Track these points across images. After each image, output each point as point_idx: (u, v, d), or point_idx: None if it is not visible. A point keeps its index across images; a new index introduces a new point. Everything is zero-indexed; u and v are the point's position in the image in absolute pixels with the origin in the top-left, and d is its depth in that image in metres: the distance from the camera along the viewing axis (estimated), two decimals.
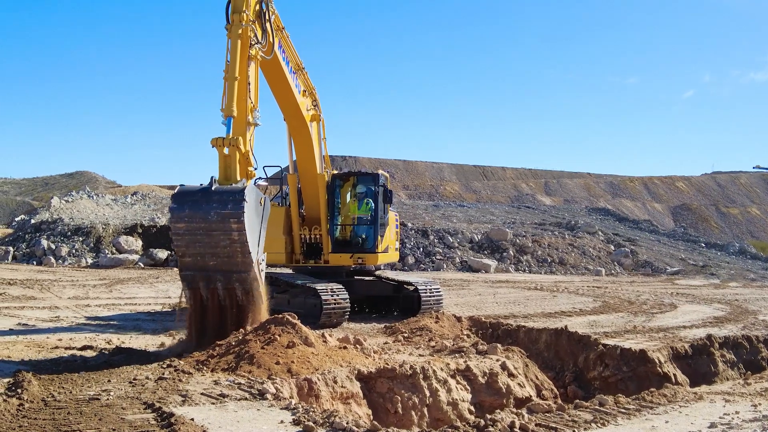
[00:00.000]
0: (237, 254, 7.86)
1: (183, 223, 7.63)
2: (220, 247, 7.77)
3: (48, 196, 53.02)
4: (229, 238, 7.74)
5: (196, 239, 7.71)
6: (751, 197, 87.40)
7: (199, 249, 7.77)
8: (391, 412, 7.88)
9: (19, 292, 17.54)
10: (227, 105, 8.36)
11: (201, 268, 7.87)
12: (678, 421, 6.37)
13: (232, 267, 7.94)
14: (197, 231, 7.67)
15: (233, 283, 8.00)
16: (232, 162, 8.17)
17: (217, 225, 7.70)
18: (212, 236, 7.68)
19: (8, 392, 6.43)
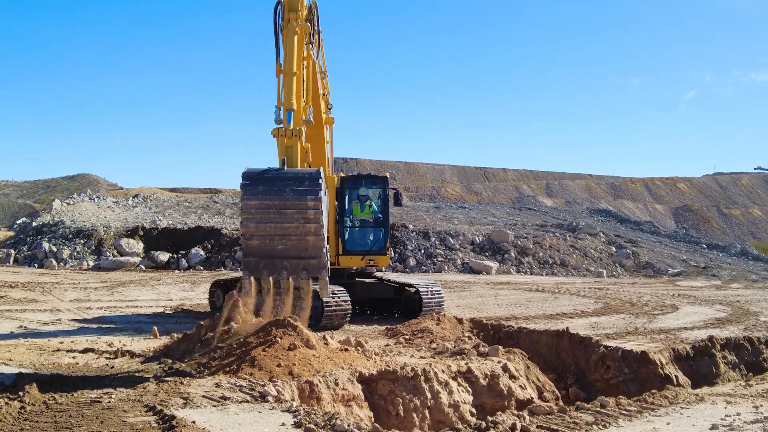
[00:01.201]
0: (310, 236, 7.51)
1: (256, 200, 7.29)
2: (292, 228, 7.42)
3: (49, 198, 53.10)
4: (304, 217, 7.42)
5: (268, 218, 7.36)
6: (753, 198, 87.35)
7: (270, 230, 7.39)
8: (392, 414, 7.89)
9: (20, 295, 17.56)
10: (287, 98, 8.42)
11: (267, 254, 7.47)
12: (679, 422, 6.37)
13: (301, 252, 7.55)
14: (270, 209, 7.33)
15: (299, 272, 7.59)
16: (294, 152, 8.11)
17: (293, 203, 7.40)
18: (286, 215, 7.37)
19: (10, 395, 6.44)
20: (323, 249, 7.72)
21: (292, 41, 8.71)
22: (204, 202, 44.05)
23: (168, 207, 41.61)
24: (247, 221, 7.35)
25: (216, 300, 15.03)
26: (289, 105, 8.33)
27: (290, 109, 8.40)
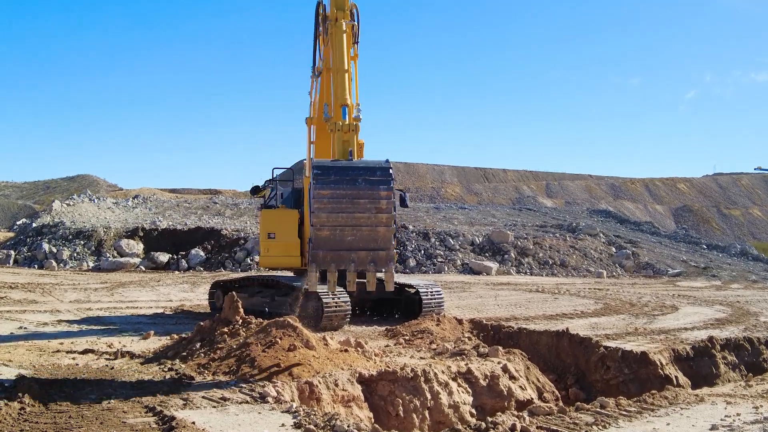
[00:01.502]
0: (381, 226, 7.43)
1: (328, 190, 7.22)
2: (364, 218, 7.36)
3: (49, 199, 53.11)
4: (376, 207, 7.37)
5: (340, 207, 7.28)
6: (753, 198, 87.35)
7: (341, 220, 7.29)
8: (392, 414, 7.88)
9: (20, 296, 17.56)
10: (341, 94, 8.43)
11: (336, 246, 7.35)
12: (679, 423, 6.37)
13: (370, 243, 7.46)
14: (343, 198, 7.28)
15: (367, 264, 7.47)
16: (351, 147, 8.13)
17: (366, 193, 7.37)
18: (358, 205, 7.32)
19: (10, 396, 6.44)
20: (392, 240, 7.67)
21: (341, 39, 8.82)
22: (204, 203, 44.06)
23: (168, 208, 41.61)
24: (318, 211, 7.24)
25: (216, 301, 15.03)
26: (344, 101, 8.41)
27: (344, 105, 8.43)
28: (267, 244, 13.38)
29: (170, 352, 9.39)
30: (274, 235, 13.34)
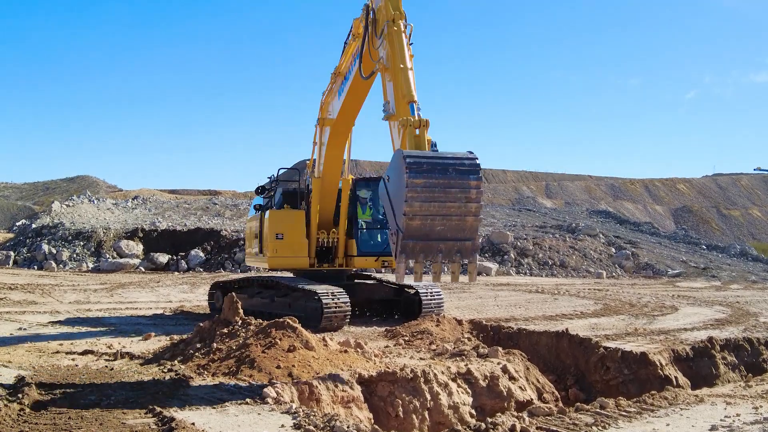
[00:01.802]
0: (469, 216, 7.46)
1: (422, 179, 7.18)
2: (454, 208, 7.36)
3: (49, 200, 53.11)
4: (466, 196, 7.38)
5: (433, 196, 7.26)
6: (752, 199, 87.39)
7: (433, 209, 7.29)
8: (392, 415, 7.88)
9: (20, 297, 17.56)
10: (408, 91, 8.50)
11: (425, 236, 7.36)
12: (679, 423, 6.37)
13: (458, 233, 7.47)
14: (436, 187, 7.26)
15: (453, 255, 7.52)
16: (423, 142, 8.13)
17: (457, 182, 7.37)
18: (450, 194, 7.31)
19: (9, 397, 6.44)
20: (478, 231, 7.73)
21: (401, 38, 8.94)
22: (203, 204, 44.05)
23: (167, 209, 41.61)
24: (412, 200, 7.19)
25: (215, 301, 15.04)
26: (411, 97, 8.48)
27: (412, 102, 8.50)
28: (275, 245, 13.30)
29: (170, 353, 9.39)
30: (282, 236, 13.29)
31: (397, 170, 7.47)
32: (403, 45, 8.89)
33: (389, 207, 7.64)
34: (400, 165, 7.31)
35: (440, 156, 7.58)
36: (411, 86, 8.58)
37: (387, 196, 7.69)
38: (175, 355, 9.13)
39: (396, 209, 7.45)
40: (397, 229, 7.34)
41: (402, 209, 7.21)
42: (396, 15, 9.05)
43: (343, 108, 11.90)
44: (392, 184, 7.57)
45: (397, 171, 7.43)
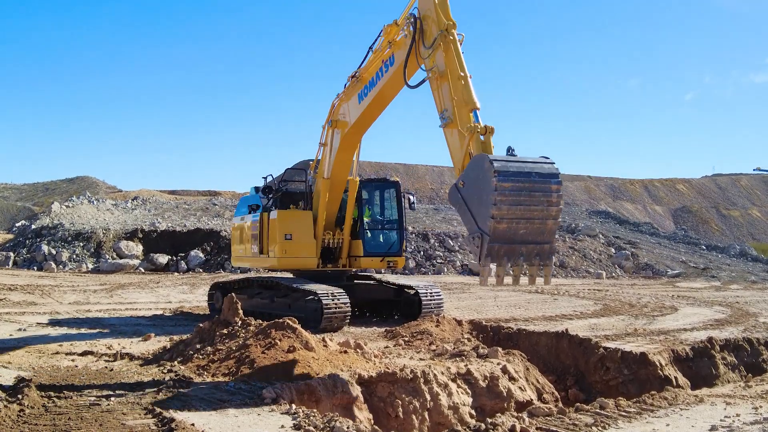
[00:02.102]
0: (550, 219, 7.67)
1: (509, 183, 7.30)
2: (537, 211, 7.53)
3: (49, 201, 53.10)
4: (548, 200, 7.56)
5: (519, 200, 7.39)
6: (752, 199, 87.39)
7: (518, 213, 7.43)
8: (392, 416, 7.88)
9: (19, 298, 17.55)
10: (470, 99, 8.57)
11: (510, 239, 7.50)
12: (679, 423, 6.37)
13: (538, 236, 7.65)
14: (521, 191, 7.39)
15: (533, 257, 7.70)
16: (489, 148, 8.20)
17: (540, 186, 7.52)
18: (533, 197, 7.47)
19: (9, 398, 6.44)
20: (556, 234, 7.89)
21: (458, 47, 9.01)
22: (203, 205, 44.05)
23: (167, 209, 41.60)
24: (500, 203, 7.28)
25: (215, 302, 15.03)
26: (475, 105, 8.55)
27: (475, 109, 8.56)
28: (284, 246, 13.24)
29: (169, 353, 9.39)
30: (291, 236, 13.26)
31: (477, 175, 7.53)
32: (460, 53, 8.94)
33: (466, 212, 7.71)
34: (485, 169, 7.38)
35: (523, 160, 7.68)
36: (473, 94, 8.63)
37: (462, 201, 7.77)
38: (175, 356, 9.14)
39: (478, 213, 7.53)
40: (481, 232, 7.43)
41: (488, 213, 7.29)
42: (449, 24, 9.11)
43: (365, 113, 11.87)
44: (470, 189, 7.65)
45: (478, 176, 7.51)
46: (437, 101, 8.99)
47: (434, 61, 9.15)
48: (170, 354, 9.33)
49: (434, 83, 9.07)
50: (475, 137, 8.20)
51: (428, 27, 9.45)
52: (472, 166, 7.75)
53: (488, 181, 7.28)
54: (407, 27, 9.90)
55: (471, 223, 7.63)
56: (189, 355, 9.00)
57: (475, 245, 7.53)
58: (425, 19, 9.53)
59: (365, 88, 11.56)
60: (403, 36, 10.12)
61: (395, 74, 10.54)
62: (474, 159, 7.82)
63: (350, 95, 12.08)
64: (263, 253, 13.98)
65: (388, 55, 10.71)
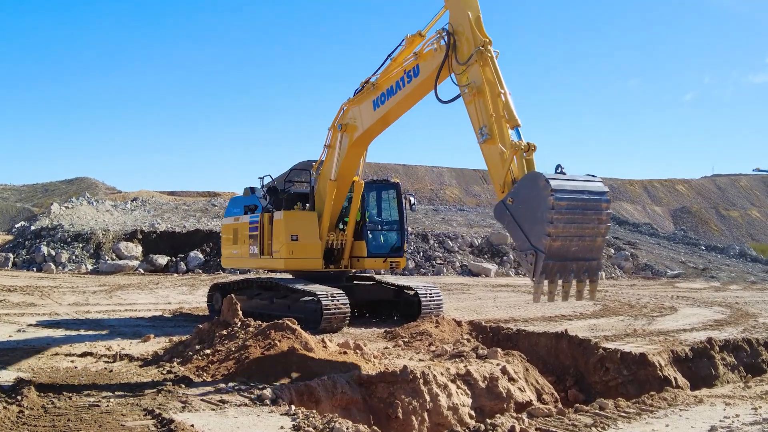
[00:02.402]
0: (599, 237, 7.83)
1: (565, 201, 7.42)
2: (588, 229, 7.68)
3: (48, 202, 53.05)
4: (599, 217, 7.72)
5: (573, 218, 7.53)
6: (752, 200, 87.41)
7: (572, 230, 7.57)
8: (391, 417, 7.88)
9: (19, 299, 17.54)
10: (511, 116, 8.61)
11: (563, 256, 7.63)
12: (678, 424, 6.37)
13: (587, 253, 7.81)
14: (576, 209, 7.53)
15: (582, 274, 7.84)
16: (533, 166, 8.29)
17: (592, 204, 7.67)
18: (586, 215, 7.62)
19: (8, 399, 6.44)
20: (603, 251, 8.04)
21: (496, 63, 8.99)
22: (203, 206, 44.02)
23: (166, 210, 41.59)
24: (557, 222, 7.40)
25: (214, 303, 15.02)
26: (516, 122, 8.60)
27: (517, 126, 8.62)
28: (291, 247, 13.19)
29: (169, 354, 9.39)
30: (297, 237, 13.23)
31: (531, 193, 7.61)
32: (498, 70, 8.91)
33: (516, 228, 7.79)
34: (540, 188, 7.46)
35: (575, 179, 7.81)
36: (514, 111, 8.64)
37: (511, 217, 7.85)
38: (174, 357, 9.14)
39: (531, 230, 7.61)
40: (535, 249, 7.51)
41: (543, 230, 7.39)
42: (485, 41, 9.06)
43: (380, 120, 11.86)
44: (521, 206, 7.72)
45: (532, 193, 7.59)
46: (474, 117, 8.92)
47: (469, 77, 9.07)
48: (169, 355, 9.33)
49: (470, 99, 8.99)
50: (519, 155, 8.22)
51: (461, 43, 9.36)
52: (526, 184, 7.79)
53: (544, 199, 7.39)
54: (437, 41, 9.83)
55: (522, 240, 7.72)
56: (188, 356, 9.00)
57: (529, 262, 7.61)
58: (458, 34, 9.43)
59: (382, 96, 11.46)
60: (432, 49, 10.05)
61: (420, 85, 10.51)
62: (527, 177, 7.86)
63: (363, 101, 11.99)
64: (265, 254, 13.91)
65: (412, 65, 10.62)
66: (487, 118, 8.71)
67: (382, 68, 11.49)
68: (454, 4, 9.58)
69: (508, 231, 8.06)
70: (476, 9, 9.42)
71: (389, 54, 11.28)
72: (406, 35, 10.88)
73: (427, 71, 10.20)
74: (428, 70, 10.17)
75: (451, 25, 9.58)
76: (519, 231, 7.76)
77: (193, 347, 9.32)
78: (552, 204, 7.30)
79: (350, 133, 12.49)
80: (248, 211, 14.62)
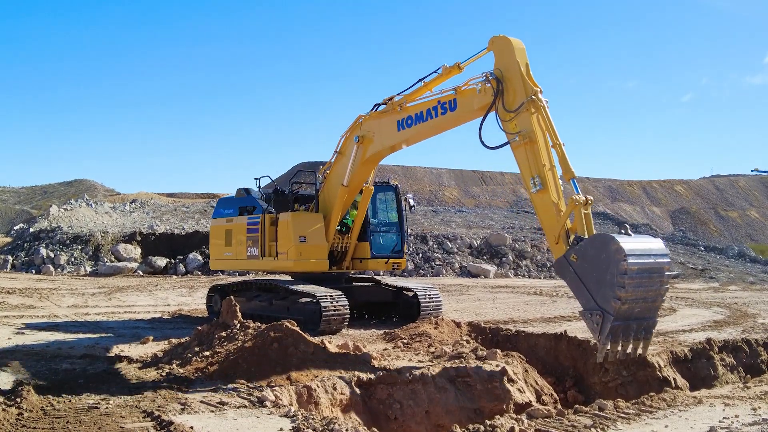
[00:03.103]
0: (659, 298, 8.07)
1: (636, 266, 7.57)
2: (651, 291, 7.88)
3: (47, 204, 53.01)
4: (661, 280, 7.92)
5: (641, 282, 7.69)
6: (750, 200, 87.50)
7: (639, 294, 7.73)
8: (390, 418, 7.88)
9: (18, 301, 17.52)
10: (568, 168, 8.68)
11: (627, 317, 7.80)
12: (678, 425, 6.37)
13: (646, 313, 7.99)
14: (644, 273, 7.69)
15: (640, 332, 8.00)
16: (590, 221, 8.38)
17: (657, 267, 7.85)
18: (652, 278, 7.81)
19: (7, 402, 6.43)
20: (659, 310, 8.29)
21: (548, 113, 8.94)
22: (201, 207, 43.98)
23: (165, 212, 41.56)
24: (629, 287, 7.53)
25: (214, 305, 14.99)
26: (572, 174, 8.70)
27: (574, 178, 8.69)
28: (299, 248, 13.07)
29: (168, 356, 9.38)
30: (305, 239, 13.19)
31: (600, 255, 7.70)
32: (551, 120, 8.86)
33: (581, 287, 7.88)
34: (612, 252, 7.56)
35: (642, 241, 8.01)
36: (569, 163, 8.69)
37: (575, 275, 7.96)
38: (174, 359, 9.13)
39: (598, 292, 7.71)
40: (602, 311, 7.64)
41: (613, 294, 7.51)
42: (536, 90, 8.97)
43: (402, 142, 11.80)
44: (587, 265, 7.81)
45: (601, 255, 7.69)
46: (524, 165, 8.83)
47: (518, 124, 8.95)
48: (169, 357, 9.33)
49: (521, 148, 8.88)
50: (577, 210, 8.26)
51: (510, 90, 9.18)
52: (595, 245, 7.83)
53: (615, 263, 7.50)
54: (483, 83, 9.55)
55: (588, 299, 7.81)
56: (188, 358, 8.99)
57: (595, 322, 7.71)
58: (506, 80, 9.24)
59: (409, 119, 11.25)
60: (475, 88, 9.76)
61: (454, 119, 10.42)
62: (598, 239, 7.90)
63: (385, 117, 11.79)
64: (267, 256, 13.76)
65: (449, 98, 10.37)
66: (539, 169, 8.64)
67: (410, 90, 11.26)
68: (502, 50, 9.38)
69: (571, 287, 8.14)
70: (525, 56, 9.29)
71: (421, 78, 10.96)
72: (443, 64, 10.62)
73: (465, 108, 10.04)
74: (466, 107, 10.01)
75: (499, 70, 9.34)
76: (584, 289, 7.86)
77: (192, 349, 9.32)
78: (624, 269, 7.44)
79: (366, 145, 12.35)
80: (244, 212, 14.49)
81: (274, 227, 13.63)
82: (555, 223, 8.44)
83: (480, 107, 9.65)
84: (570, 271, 7.98)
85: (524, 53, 9.36)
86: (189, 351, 9.29)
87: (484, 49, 9.73)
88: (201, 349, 9.20)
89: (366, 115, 12.32)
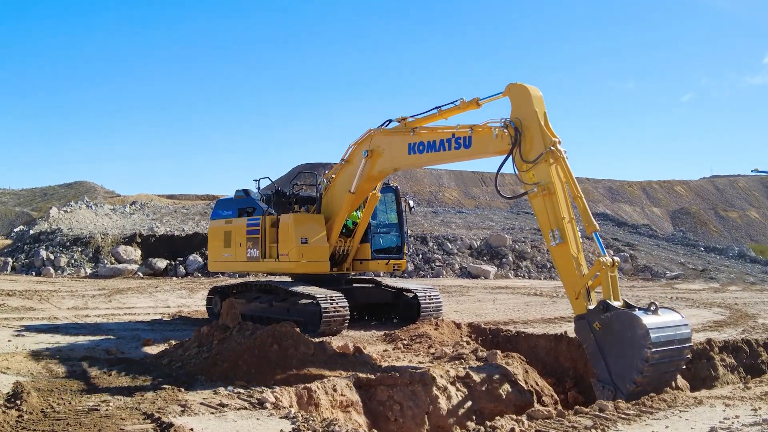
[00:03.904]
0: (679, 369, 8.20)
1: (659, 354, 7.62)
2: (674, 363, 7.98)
3: (47, 206, 53.01)
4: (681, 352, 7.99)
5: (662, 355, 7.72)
6: (750, 200, 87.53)
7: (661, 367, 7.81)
8: (390, 419, 7.88)
9: (18, 303, 17.53)
10: (590, 222, 8.65)
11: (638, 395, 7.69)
12: (678, 425, 6.37)
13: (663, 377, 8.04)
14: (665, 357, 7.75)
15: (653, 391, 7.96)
16: (617, 284, 8.30)
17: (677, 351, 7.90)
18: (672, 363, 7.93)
19: (7, 404, 6.43)
20: None
21: (568, 165, 8.87)
22: (201, 209, 43.99)
23: (165, 214, 41.57)
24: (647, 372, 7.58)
25: (214, 307, 14.99)
26: (595, 227, 8.64)
27: (596, 231, 8.64)
28: (301, 250, 13.05)
29: (168, 358, 9.38)
30: (307, 240, 13.17)
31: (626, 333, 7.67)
32: (570, 172, 8.81)
33: (599, 357, 7.88)
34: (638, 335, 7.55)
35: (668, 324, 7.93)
36: (591, 216, 8.70)
37: (595, 343, 7.95)
38: (174, 360, 9.13)
39: (616, 368, 7.73)
40: (615, 387, 7.70)
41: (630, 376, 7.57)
42: (555, 141, 8.88)
43: (412, 164, 11.91)
44: (608, 338, 7.79)
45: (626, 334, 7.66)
46: (543, 216, 8.74)
47: (536, 174, 8.85)
48: (169, 358, 9.33)
49: (539, 198, 8.79)
50: (604, 272, 8.14)
51: (527, 139, 9.05)
52: (623, 322, 7.75)
53: (639, 347, 7.50)
54: (500, 129, 9.36)
55: (603, 371, 7.82)
56: (188, 359, 8.99)
57: (606, 397, 7.68)
58: (524, 129, 9.10)
59: (420, 145, 11.18)
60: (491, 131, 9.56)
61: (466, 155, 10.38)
62: (626, 317, 7.78)
63: (396, 136, 11.75)
64: (267, 257, 13.74)
65: (464, 134, 10.25)
66: (558, 221, 8.54)
67: (424, 115, 11.19)
68: (520, 99, 9.25)
69: (588, 353, 8.12)
70: (543, 105, 9.18)
71: (438, 106, 10.84)
72: (461, 98, 10.51)
73: (480, 149, 9.99)
74: (481, 148, 9.96)
75: (518, 119, 9.19)
76: (601, 360, 7.85)
77: (192, 351, 9.31)
78: (648, 357, 7.45)
79: (375, 160, 12.28)
80: (244, 213, 14.48)
81: (274, 228, 13.59)
82: (576, 280, 8.32)
83: (495, 151, 9.56)
84: (590, 337, 7.95)
85: (542, 102, 9.19)
86: (189, 352, 9.29)
87: (501, 93, 9.58)
88: (201, 350, 9.20)
89: (377, 129, 12.24)
